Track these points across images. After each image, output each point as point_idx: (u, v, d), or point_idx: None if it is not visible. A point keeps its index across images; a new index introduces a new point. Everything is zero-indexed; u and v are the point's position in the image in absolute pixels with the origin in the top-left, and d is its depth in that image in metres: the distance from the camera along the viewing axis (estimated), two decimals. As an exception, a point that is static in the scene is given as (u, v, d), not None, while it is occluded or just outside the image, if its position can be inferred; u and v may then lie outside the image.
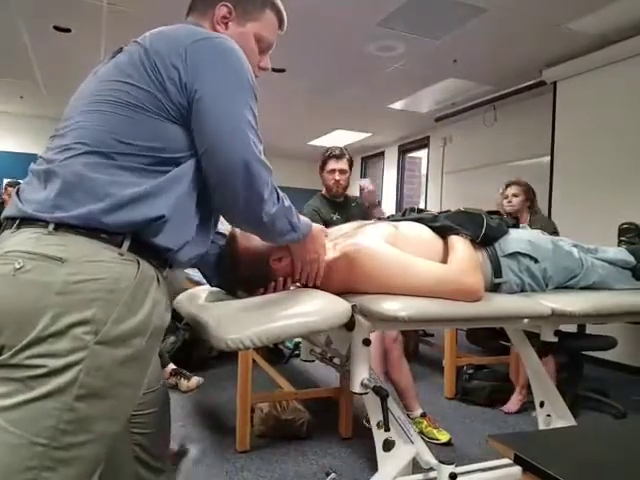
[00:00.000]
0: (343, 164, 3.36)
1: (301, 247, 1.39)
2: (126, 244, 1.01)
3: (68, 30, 4.60)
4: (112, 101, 1.06)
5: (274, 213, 1.13)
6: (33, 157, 1.15)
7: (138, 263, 1.02)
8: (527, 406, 3.23)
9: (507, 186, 3.59)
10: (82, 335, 0.94)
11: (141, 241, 1.03)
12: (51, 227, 0.98)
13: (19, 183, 1.14)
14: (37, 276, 0.94)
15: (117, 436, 1.04)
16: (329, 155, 3.39)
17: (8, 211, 1.06)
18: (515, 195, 3.52)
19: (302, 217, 1.29)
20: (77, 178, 1.01)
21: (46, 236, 0.97)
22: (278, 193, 1.15)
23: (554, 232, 3.47)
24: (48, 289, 0.93)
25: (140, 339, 1.01)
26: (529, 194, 3.55)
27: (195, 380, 3.18)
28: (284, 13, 1.34)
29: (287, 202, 1.19)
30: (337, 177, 3.34)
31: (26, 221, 1.01)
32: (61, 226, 0.98)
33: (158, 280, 1.08)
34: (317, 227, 1.43)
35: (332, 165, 3.36)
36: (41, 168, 1.07)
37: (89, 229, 0.99)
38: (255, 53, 1.30)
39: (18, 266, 0.94)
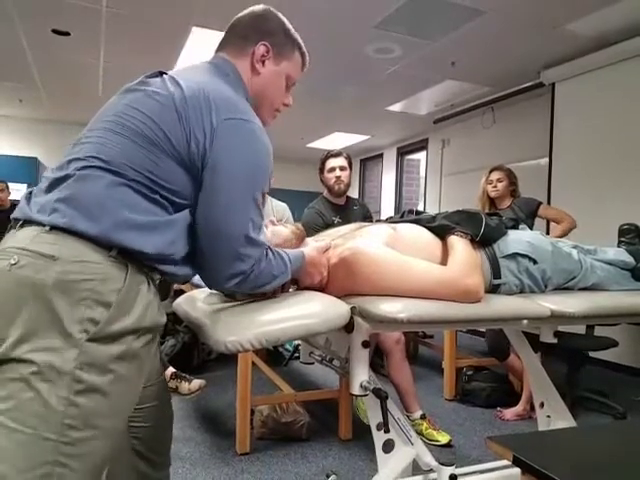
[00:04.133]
0: (342, 161, 3.38)
1: (303, 273, 1.42)
2: (115, 250, 1.04)
3: (67, 33, 4.61)
4: (137, 132, 1.09)
5: (256, 279, 1.20)
6: (32, 160, 1.17)
7: (127, 266, 1.05)
8: (525, 416, 3.23)
9: (491, 171, 3.70)
10: (75, 332, 0.97)
11: (129, 253, 1.06)
12: (47, 227, 1.01)
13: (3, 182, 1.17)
14: (31, 272, 0.98)
15: (121, 433, 1.07)
16: (327, 155, 3.42)
17: (16, 213, 1.10)
18: (499, 180, 3.64)
19: (291, 253, 1.34)
20: (84, 190, 1.04)
21: (42, 234, 1.01)
22: (263, 261, 1.20)
23: (537, 207, 3.62)
24: (42, 285, 0.97)
25: (133, 337, 1.04)
26: (512, 179, 3.68)
27: (197, 382, 3.17)
28: (307, 56, 1.43)
29: (274, 259, 1.24)
30: (338, 174, 3.35)
31: (28, 222, 1.05)
32: (55, 227, 1.01)
33: (149, 282, 1.11)
34: (313, 250, 1.46)
35: (332, 163, 3.37)
36: (53, 175, 1.10)
37: (81, 234, 1.02)
38: (284, 91, 1.38)
39: (13, 261, 0.98)
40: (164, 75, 1.20)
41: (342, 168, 3.36)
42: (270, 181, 1.28)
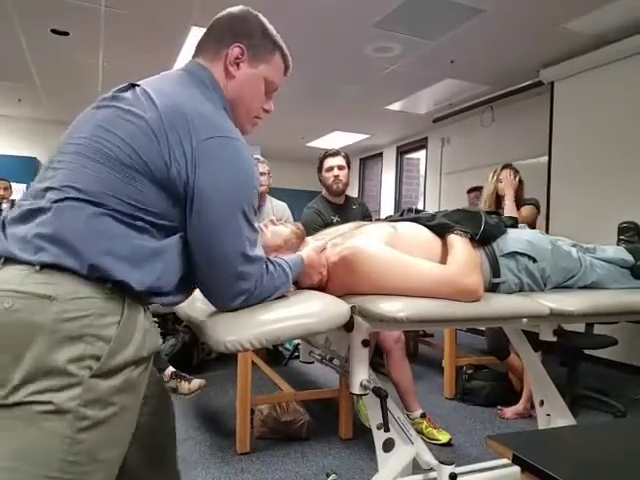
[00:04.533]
0: (340, 160, 3.37)
1: (303, 275, 1.43)
2: (110, 282, 1.01)
3: (66, 33, 4.60)
4: (112, 157, 1.05)
5: (259, 294, 1.21)
6: (31, 160, 1.15)
7: (123, 298, 1.03)
8: (525, 415, 3.23)
9: (503, 168, 3.59)
10: (76, 370, 0.95)
11: (122, 286, 1.03)
12: (37, 267, 0.97)
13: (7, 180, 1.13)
14: (27, 315, 0.94)
15: (120, 461, 1.06)
16: (325, 154, 3.42)
17: None
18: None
19: (291, 259, 1.34)
20: (65, 226, 1.00)
21: (33, 275, 0.97)
22: (264, 276, 1.21)
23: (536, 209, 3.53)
24: (39, 327, 0.94)
25: (133, 367, 1.03)
26: (520, 178, 3.57)
27: (197, 382, 3.17)
28: (290, 59, 1.36)
29: (275, 271, 1.25)
30: (336, 173, 3.34)
31: (11, 260, 1.00)
32: (46, 266, 0.98)
33: (145, 310, 1.09)
34: (311, 251, 1.47)
35: (329, 162, 3.37)
36: (29, 204, 1.05)
37: (73, 271, 0.99)
38: (263, 96, 1.32)
39: (7, 305, 0.95)
40: (136, 88, 1.15)
41: (340, 167, 3.36)
42: (265, 169, 1.25)
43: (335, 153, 3.40)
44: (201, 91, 1.19)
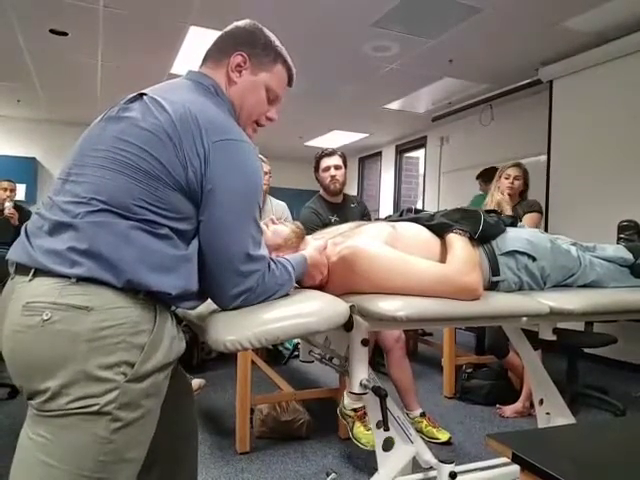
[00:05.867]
0: (336, 160, 3.36)
1: (305, 275, 1.44)
2: (142, 292, 1.07)
3: (65, 34, 4.60)
4: (134, 167, 1.08)
5: (261, 293, 1.23)
6: (31, 160, 1.15)
7: (155, 306, 1.09)
8: (525, 413, 3.23)
9: (511, 166, 3.54)
10: (113, 376, 1.01)
11: (154, 294, 1.09)
12: (74, 279, 1.02)
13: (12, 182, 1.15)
14: (66, 326, 1.00)
15: (142, 460, 1.12)
16: (321, 154, 3.42)
17: (17, 256, 1.08)
18: (517, 178, 3.50)
19: (293, 258, 1.37)
20: (98, 241, 1.03)
21: (69, 287, 1.01)
22: (267, 275, 1.23)
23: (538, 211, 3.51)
24: (77, 337, 0.99)
25: (160, 371, 1.09)
26: (527, 180, 3.56)
27: (197, 382, 3.17)
28: (294, 71, 1.40)
29: (277, 270, 1.27)
30: (333, 172, 3.33)
31: (42, 272, 1.03)
32: (82, 279, 1.02)
33: (172, 317, 1.16)
34: (314, 251, 1.48)
35: (326, 162, 3.36)
36: (54, 217, 1.08)
37: (107, 283, 1.03)
38: (264, 102, 1.35)
39: (46, 317, 0.99)
40: (144, 97, 1.18)
41: (337, 167, 3.35)
42: (265, 168, 1.29)
43: (331, 153, 3.40)
44: (208, 98, 1.24)
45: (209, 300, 1.27)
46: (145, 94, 1.18)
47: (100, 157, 1.11)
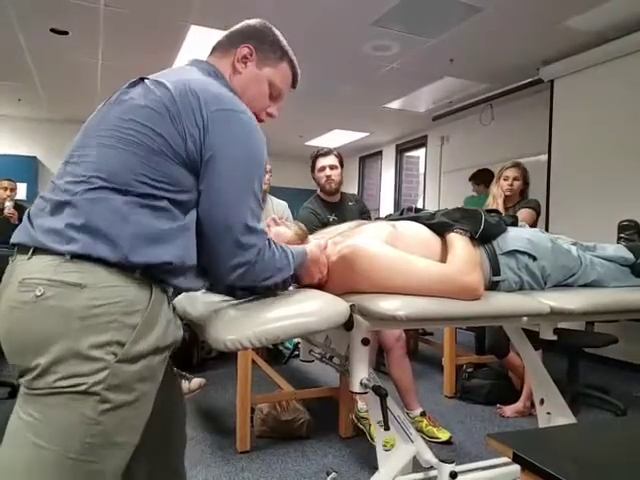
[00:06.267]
0: (332, 159, 3.36)
1: (304, 271, 1.43)
2: (139, 270, 1.06)
3: (65, 33, 4.60)
4: (136, 143, 1.08)
5: (260, 270, 1.20)
6: (31, 159, 1.16)
7: (150, 286, 1.08)
8: (525, 413, 3.23)
9: (509, 167, 3.52)
10: (103, 355, 1.00)
11: (151, 270, 1.08)
12: (68, 256, 1.02)
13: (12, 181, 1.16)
14: (59, 302, 0.99)
15: (134, 446, 1.10)
16: (317, 154, 3.41)
17: (19, 237, 1.09)
18: (516, 179, 3.48)
19: (294, 248, 1.35)
20: (95, 216, 1.03)
21: (64, 264, 1.01)
22: (266, 251, 1.21)
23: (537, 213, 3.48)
24: (70, 314, 0.99)
25: (154, 355, 1.07)
26: (526, 179, 3.53)
27: (197, 381, 3.16)
28: (299, 72, 1.42)
29: (277, 252, 1.25)
30: (328, 173, 3.33)
31: (40, 250, 1.04)
32: (77, 256, 1.02)
33: (168, 301, 1.14)
34: (315, 247, 1.47)
35: (321, 162, 3.36)
36: (55, 197, 1.08)
37: (103, 260, 1.03)
38: (266, 96, 1.35)
39: (39, 293, 1.00)
40: (145, 80, 1.18)
41: (332, 167, 3.35)
42: (266, 167, 1.28)
43: (327, 152, 3.39)
44: (211, 78, 1.25)
45: (209, 300, 1.27)
46: (147, 78, 1.19)
47: (104, 136, 1.12)
